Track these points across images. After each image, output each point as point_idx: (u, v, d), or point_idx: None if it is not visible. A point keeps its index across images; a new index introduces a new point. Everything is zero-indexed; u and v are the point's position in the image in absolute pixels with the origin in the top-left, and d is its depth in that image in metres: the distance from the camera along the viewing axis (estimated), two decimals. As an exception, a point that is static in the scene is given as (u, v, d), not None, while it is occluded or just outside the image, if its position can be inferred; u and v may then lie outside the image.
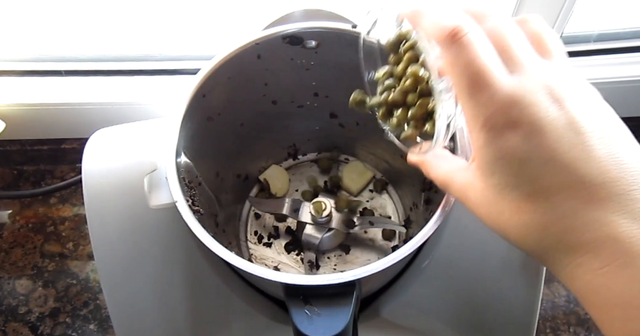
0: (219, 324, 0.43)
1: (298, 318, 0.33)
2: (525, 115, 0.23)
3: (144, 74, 0.63)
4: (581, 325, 0.60)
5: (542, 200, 0.23)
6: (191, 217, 0.35)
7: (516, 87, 0.23)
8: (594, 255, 0.23)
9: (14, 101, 0.62)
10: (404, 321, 0.44)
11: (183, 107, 0.39)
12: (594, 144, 0.23)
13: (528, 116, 0.23)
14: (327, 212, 0.49)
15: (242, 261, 0.33)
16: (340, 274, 0.32)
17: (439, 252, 0.43)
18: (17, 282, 0.63)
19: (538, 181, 0.23)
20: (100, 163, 0.41)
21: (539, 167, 0.23)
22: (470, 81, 0.24)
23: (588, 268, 0.23)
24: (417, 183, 0.49)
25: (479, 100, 0.24)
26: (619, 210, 0.22)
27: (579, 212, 0.23)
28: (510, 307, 0.43)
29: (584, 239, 0.23)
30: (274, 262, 0.54)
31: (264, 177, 0.57)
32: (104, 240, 0.40)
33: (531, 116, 0.23)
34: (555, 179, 0.23)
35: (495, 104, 0.23)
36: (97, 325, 0.60)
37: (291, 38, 0.42)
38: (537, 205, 0.24)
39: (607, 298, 0.23)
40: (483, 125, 0.24)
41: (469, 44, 0.24)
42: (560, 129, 0.23)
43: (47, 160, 0.70)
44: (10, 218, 0.67)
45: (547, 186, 0.23)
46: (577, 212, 0.23)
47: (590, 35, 0.63)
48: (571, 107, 0.23)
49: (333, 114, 0.52)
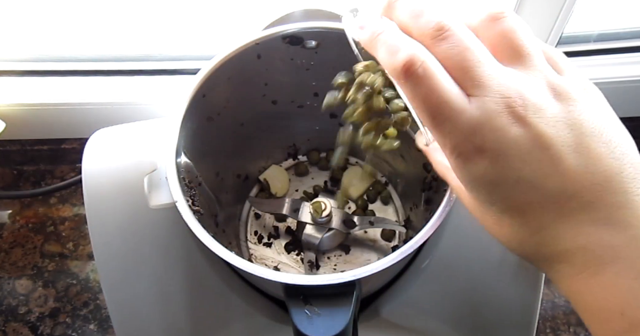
0: (219, 324, 0.43)
1: (298, 318, 0.33)
2: (487, 141, 0.23)
3: (144, 74, 0.63)
4: (581, 325, 0.60)
5: (516, 216, 0.24)
6: (191, 217, 0.35)
7: (476, 114, 0.23)
8: (569, 265, 0.24)
9: (14, 101, 0.62)
10: (404, 321, 0.44)
11: (183, 107, 0.39)
12: (562, 156, 0.23)
13: (491, 142, 0.23)
14: (327, 212, 0.49)
15: (242, 261, 0.33)
16: (340, 274, 0.32)
17: (439, 252, 0.43)
18: (17, 282, 0.63)
19: (510, 200, 0.24)
20: (100, 163, 0.41)
21: (509, 188, 0.24)
22: (431, 115, 0.24)
23: (566, 274, 0.24)
24: (417, 183, 0.49)
25: (443, 131, 0.24)
26: (590, 220, 0.23)
27: (550, 225, 0.24)
28: (510, 307, 0.43)
29: (557, 250, 0.24)
30: (274, 262, 0.54)
31: (264, 177, 0.57)
32: (104, 240, 0.40)
33: (494, 141, 0.23)
34: (526, 197, 0.24)
35: (459, 134, 0.23)
36: (97, 325, 0.60)
37: (291, 38, 0.42)
38: (513, 220, 0.25)
39: (586, 302, 0.24)
40: (451, 153, 0.24)
41: (423, 77, 0.23)
42: (524, 148, 0.23)
43: (47, 160, 0.70)
44: (10, 218, 0.67)
45: (519, 204, 0.24)
46: (549, 225, 0.24)
47: (590, 35, 0.63)
48: (533, 122, 0.23)
49: (333, 114, 0.52)
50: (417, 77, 0.23)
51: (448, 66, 0.24)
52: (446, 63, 0.24)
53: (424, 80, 0.23)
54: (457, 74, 0.24)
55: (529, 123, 0.23)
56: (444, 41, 0.24)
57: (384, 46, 0.25)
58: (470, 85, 0.23)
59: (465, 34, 0.24)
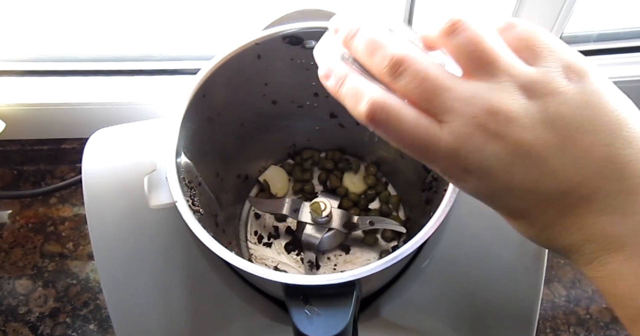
0: (219, 324, 0.43)
1: (298, 318, 0.33)
2: (469, 162, 0.23)
3: (144, 74, 0.63)
4: (581, 325, 0.60)
5: (519, 218, 0.25)
6: (191, 217, 0.35)
7: (450, 140, 0.23)
8: (579, 255, 0.24)
9: (14, 101, 0.62)
10: (404, 321, 0.44)
11: (183, 107, 0.39)
12: (547, 158, 0.23)
13: (472, 163, 0.23)
14: (327, 212, 0.49)
15: (242, 261, 0.33)
16: (340, 274, 0.32)
17: (439, 252, 0.43)
18: (17, 282, 0.63)
19: (508, 208, 0.25)
20: (100, 163, 0.41)
21: (503, 198, 0.24)
22: (411, 150, 0.24)
23: (580, 264, 0.25)
24: (417, 183, 0.49)
25: (428, 160, 0.25)
26: (590, 211, 0.23)
27: (554, 222, 0.24)
28: (510, 307, 0.43)
29: (566, 243, 0.24)
30: (274, 262, 0.54)
31: (263, 177, 0.57)
32: (104, 240, 0.40)
33: (475, 163, 0.23)
34: (522, 203, 0.24)
35: (442, 161, 0.24)
36: (97, 325, 0.60)
37: (291, 38, 0.42)
38: (518, 222, 0.25)
39: (603, 288, 0.24)
40: (443, 174, 0.25)
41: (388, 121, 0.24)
42: (506, 161, 0.23)
43: (47, 160, 0.70)
44: (10, 218, 0.67)
45: (518, 209, 0.25)
46: (553, 222, 0.24)
47: (590, 35, 0.63)
48: (507, 133, 0.23)
49: (333, 114, 0.52)
50: (383, 123, 0.24)
51: (411, 100, 0.24)
52: (409, 97, 0.24)
53: (389, 124, 0.24)
54: (422, 105, 0.24)
55: (503, 135, 0.23)
56: (400, 77, 0.24)
57: (347, 96, 0.25)
58: (436, 113, 0.23)
59: (420, 63, 0.24)
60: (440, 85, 0.23)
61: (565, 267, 0.63)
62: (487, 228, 0.41)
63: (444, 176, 0.25)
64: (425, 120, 0.24)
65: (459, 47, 0.24)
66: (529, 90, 0.23)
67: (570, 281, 0.62)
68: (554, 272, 0.62)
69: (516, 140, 0.23)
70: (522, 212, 0.25)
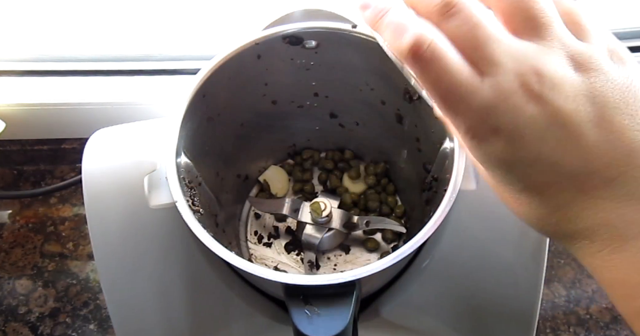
0: (219, 324, 0.43)
1: (298, 318, 0.33)
2: (502, 121, 0.22)
3: (144, 74, 0.63)
4: (581, 325, 0.60)
5: (534, 194, 0.24)
6: (191, 217, 0.35)
7: (490, 94, 0.22)
8: (590, 241, 0.23)
9: (14, 101, 0.62)
10: (404, 321, 0.44)
11: (183, 107, 0.39)
12: (582, 132, 0.22)
13: (506, 122, 0.22)
14: (327, 212, 0.49)
15: (242, 261, 0.33)
16: (340, 274, 0.32)
17: (439, 252, 0.43)
18: (17, 282, 0.63)
19: (527, 180, 0.24)
20: (100, 163, 0.41)
21: (526, 168, 0.23)
22: (442, 97, 0.23)
23: (587, 251, 0.24)
24: (417, 183, 0.49)
25: (456, 113, 0.23)
26: (612, 195, 0.22)
27: (571, 202, 0.23)
28: (511, 307, 0.43)
29: (577, 228, 0.23)
30: (274, 262, 0.54)
31: (263, 178, 0.57)
32: (104, 240, 0.40)
33: (509, 121, 0.22)
34: (544, 177, 0.23)
35: (472, 116, 0.23)
36: (97, 325, 0.60)
37: (291, 38, 0.42)
38: (531, 198, 0.24)
39: (609, 278, 0.23)
40: (465, 134, 0.24)
41: (432, 59, 0.22)
42: (541, 127, 0.22)
43: (47, 160, 0.70)
44: (10, 218, 0.67)
45: (537, 184, 0.23)
46: (570, 202, 0.23)
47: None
48: (550, 98, 0.22)
49: (333, 114, 0.52)
50: (425, 60, 0.22)
51: (458, 44, 0.23)
52: (456, 41, 0.23)
53: (432, 63, 0.22)
54: (468, 52, 0.23)
55: (546, 100, 0.22)
56: (452, 18, 0.23)
57: (389, 27, 0.24)
58: (482, 63, 0.22)
59: (474, 8, 0.23)
60: (492, 35, 0.22)
61: (565, 267, 0.63)
62: (487, 228, 0.41)
63: (465, 135, 0.24)
64: (468, 67, 0.23)
65: (513, 4, 0.23)
66: (577, 62, 0.23)
67: (570, 281, 0.62)
68: (554, 272, 0.62)
69: (556, 108, 0.22)
70: (540, 187, 0.23)
